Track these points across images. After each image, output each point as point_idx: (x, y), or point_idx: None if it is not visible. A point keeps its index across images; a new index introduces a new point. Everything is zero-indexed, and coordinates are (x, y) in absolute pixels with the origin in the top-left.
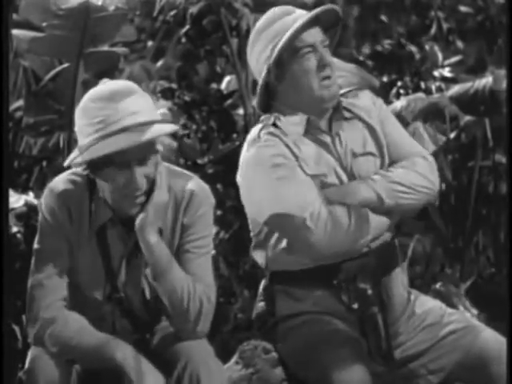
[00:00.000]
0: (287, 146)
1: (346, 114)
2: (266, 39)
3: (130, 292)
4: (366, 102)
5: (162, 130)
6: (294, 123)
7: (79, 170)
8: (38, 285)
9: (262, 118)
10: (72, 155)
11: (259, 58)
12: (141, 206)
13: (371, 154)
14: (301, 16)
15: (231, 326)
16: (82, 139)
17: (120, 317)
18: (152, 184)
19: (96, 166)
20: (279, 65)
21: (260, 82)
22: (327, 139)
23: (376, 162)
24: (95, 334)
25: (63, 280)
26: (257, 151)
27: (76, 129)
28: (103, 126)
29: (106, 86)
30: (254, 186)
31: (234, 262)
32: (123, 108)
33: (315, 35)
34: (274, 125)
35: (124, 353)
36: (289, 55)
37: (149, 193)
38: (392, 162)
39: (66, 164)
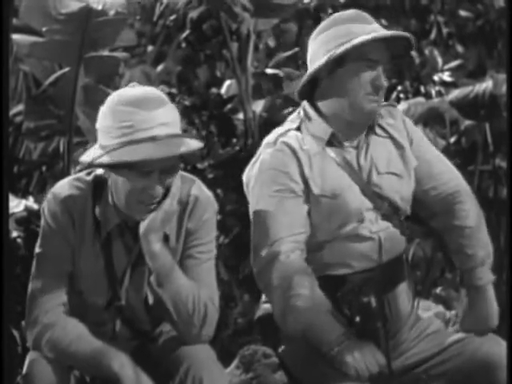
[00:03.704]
0: (299, 162)
1: (381, 133)
2: (335, 33)
3: (132, 298)
4: (398, 120)
5: (190, 146)
6: (317, 132)
7: (83, 175)
8: (39, 289)
9: (291, 117)
10: (93, 153)
11: (320, 47)
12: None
13: (394, 174)
14: (376, 30)
15: (231, 330)
16: (107, 140)
17: (121, 323)
18: (166, 192)
19: (118, 166)
20: (337, 62)
21: (310, 70)
22: (351, 153)
23: (400, 182)
24: (93, 341)
25: (64, 285)
26: (265, 158)
27: (98, 127)
28: (132, 130)
29: (136, 90)
30: (255, 187)
31: (234, 267)
32: (154, 117)
33: (383, 54)
34: (299, 129)
35: (121, 362)
36: (351, 58)
37: (159, 200)
38: (430, 191)
39: (85, 160)
